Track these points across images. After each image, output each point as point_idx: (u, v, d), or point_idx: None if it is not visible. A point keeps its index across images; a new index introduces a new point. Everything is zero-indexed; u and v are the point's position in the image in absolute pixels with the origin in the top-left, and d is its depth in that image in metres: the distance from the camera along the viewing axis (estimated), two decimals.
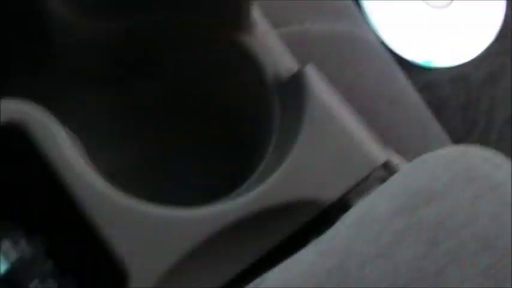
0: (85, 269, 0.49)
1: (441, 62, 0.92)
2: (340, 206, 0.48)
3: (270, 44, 0.52)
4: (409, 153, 0.52)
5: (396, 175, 0.45)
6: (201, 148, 0.57)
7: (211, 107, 0.57)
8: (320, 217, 0.48)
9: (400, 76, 0.70)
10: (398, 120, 0.68)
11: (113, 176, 0.48)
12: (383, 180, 0.49)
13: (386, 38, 0.90)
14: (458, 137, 0.63)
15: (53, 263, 0.45)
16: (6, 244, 0.41)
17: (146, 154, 0.57)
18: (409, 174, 0.43)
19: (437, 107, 0.84)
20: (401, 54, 0.90)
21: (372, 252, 0.38)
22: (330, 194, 0.47)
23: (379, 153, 0.48)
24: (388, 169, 0.49)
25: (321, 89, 0.48)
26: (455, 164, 0.43)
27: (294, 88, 0.50)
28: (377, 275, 0.37)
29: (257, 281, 0.40)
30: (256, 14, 0.52)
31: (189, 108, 0.57)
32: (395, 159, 0.49)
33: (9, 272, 0.40)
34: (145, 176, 0.56)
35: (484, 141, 0.90)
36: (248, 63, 0.52)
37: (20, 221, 0.46)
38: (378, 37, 0.81)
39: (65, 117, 0.48)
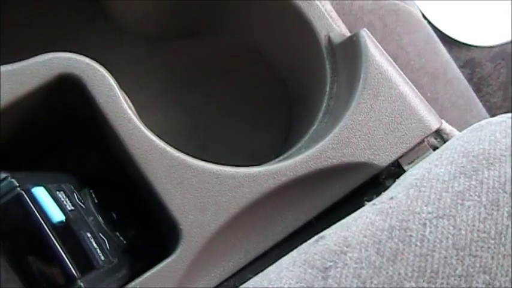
0: (135, 225, 0.49)
1: (482, 41, 0.91)
2: (392, 170, 0.47)
3: (323, 9, 0.52)
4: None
5: (453, 140, 0.44)
6: (248, 111, 0.57)
7: (263, 70, 0.57)
8: (369, 180, 0.47)
9: (443, 51, 0.70)
10: (440, 95, 0.67)
11: (158, 137, 0.47)
12: (435, 147, 0.48)
13: (429, 14, 0.89)
14: (498, 114, 0.63)
15: (103, 219, 0.45)
16: (61, 196, 0.41)
17: (192, 116, 0.57)
18: (468, 139, 0.43)
19: (478, 85, 0.83)
20: (443, 31, 0.89)
21: (433, 213, 0.38)
22: (384, 158, 0.46)
23: (432, 119, 0.47)
24: (440, 136, 0.48)
25: (376, 52, 0.48)
26: None
27: (348, 51, 0.49)
28: (438, 235, 0.37)
29: (315, 238, 0.40)
30: None
31: (239, 70, 0.57)
32: (448, 127, 0.49)
33: (64, 223, 0.40)
34: (191, 139, 0.56)
35: None
36: (302, 26, 0.52)
37: (72, 175, 0.46)
38: (421, 12, 0.80)
39: (114, 75, 0.48)
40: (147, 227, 0.50)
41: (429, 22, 0.86)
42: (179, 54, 0.58)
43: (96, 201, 0.45)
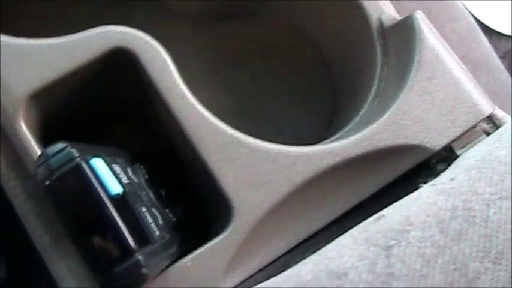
0: (182, 204, 0.48)
1: None
2: (443, 155, 0.47)
3: None
4: None
5: (510, 124, 0.44)
6: (293, 93, 0.56)
7: (308, 52, 0.56)
8: (420, 164, 0.47)
9: (484, 41, 0.69)
10: (482, 84, 0.66)
11: None
12: (487, 132, 0.48)
13: (468, 4, 0.88)
14: None
15: (154, 195, 0.45)
16: (117, 169, 0.40)
17: (236, 97, 0.57)
18: None
19: None
20: (483, 21, 0.88)
21: (496, 194, 0.38)
22: (436, 141, 0.46)
23: (485, 104, 0.47)
24: (493, 121, 0.48)
25: (431, 35, 0.47)
26: None
27: (401, 34, 0.49)
28: (502, 216, 0.37)
29: (374, 217, 0.39)
30: None
31: (284, 52, 0.57)
32: (500, 113, 0.48)
33: (121, 195, 0.39)
34: (235, 119, 0.56)
35: None
36: (352, 9, 0.51)
37: (123, 151, 0.46)
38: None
39: None
40: (192, 208, 0.50)
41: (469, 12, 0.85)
42: (225, 34, 0.57)
43: (146, 177, 0.44)
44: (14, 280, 0.60)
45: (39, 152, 0.43)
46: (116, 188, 0.38)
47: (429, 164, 0.47)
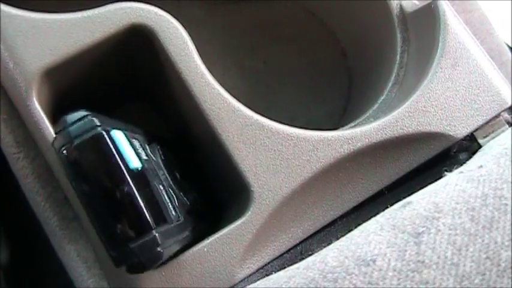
0: (199, 188, 0.47)
1: None
2: (464, 144, 0.46)
3: None
4: None
5: None
6: (306, 79, 0.55)
7: (323, 38, 0.55)
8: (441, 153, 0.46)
9: (497, 33, 0.68)
10: None
11: None
12: (510, 122, 0.47)
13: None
14: None
15: (169, 176, 0.43)
16: (137, 144, 0.39)
17: (249, 82, 0.55)
18: None
19: None
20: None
21: None
22: (459, 129, 0.45)
23: (508, 93, 0.46)
24: None
25: (455, 21, 0.46)
26: None
27: (423, 20, 0.48)
28: None
29: (400, 203, 0.38)
30: None
31: (298, 37, 0.55)
32: None
33: (140, 171, 0.37)
34: (247, 105, 0.54)
35: None
36: None
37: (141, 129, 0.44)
38: None
39: None
40: (204, 194, 0.48)
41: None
42: (238, 17, 0.56)
43: (162, 157, 0.43)
44: (16, 265, 0.58)
45: (51, 130, 0.41)
46: (135, 162, 0.36)
47: (450, 153, 0.46)
